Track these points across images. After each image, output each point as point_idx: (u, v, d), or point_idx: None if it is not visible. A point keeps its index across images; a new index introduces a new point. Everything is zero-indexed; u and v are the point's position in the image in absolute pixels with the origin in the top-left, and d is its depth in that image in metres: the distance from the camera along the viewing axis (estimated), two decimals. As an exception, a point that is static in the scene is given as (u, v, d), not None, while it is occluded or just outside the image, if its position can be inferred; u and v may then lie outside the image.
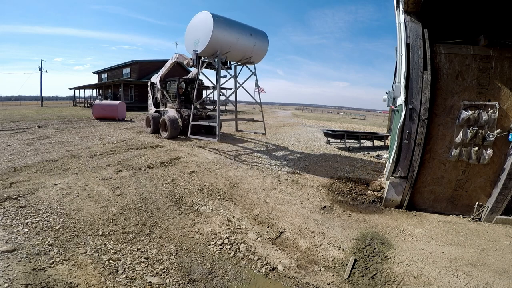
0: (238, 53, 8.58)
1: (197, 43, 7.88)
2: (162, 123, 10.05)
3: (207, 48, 7.63)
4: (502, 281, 2.60)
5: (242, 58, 8.95)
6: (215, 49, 7.81)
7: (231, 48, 8.09)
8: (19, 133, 9.57)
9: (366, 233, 3.56)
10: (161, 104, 11.22)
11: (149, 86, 11.81)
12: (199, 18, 7.94)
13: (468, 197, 4.12)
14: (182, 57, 9.52)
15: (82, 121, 14.58)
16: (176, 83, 10.59)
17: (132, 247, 2.93)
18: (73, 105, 34.21)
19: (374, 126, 22.79)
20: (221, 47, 7.87)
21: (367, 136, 10.78)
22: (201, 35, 7.73)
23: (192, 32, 8.14)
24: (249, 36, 8.57)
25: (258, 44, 8.92)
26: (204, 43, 7.60)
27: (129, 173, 5.37)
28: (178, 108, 10.18)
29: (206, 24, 7.52)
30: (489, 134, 3.82)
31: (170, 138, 9.57)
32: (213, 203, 4.26)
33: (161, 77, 10.95)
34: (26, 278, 2.26)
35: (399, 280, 2.65)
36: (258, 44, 8.95)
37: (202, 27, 7.67)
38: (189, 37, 8.30)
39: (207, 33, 7.47)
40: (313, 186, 5.29)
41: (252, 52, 8.89)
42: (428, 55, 4.02)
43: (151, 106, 11.75)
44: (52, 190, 4.25)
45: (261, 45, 9.12)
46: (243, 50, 8.65)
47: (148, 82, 11.79)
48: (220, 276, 2.61)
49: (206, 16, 7.62)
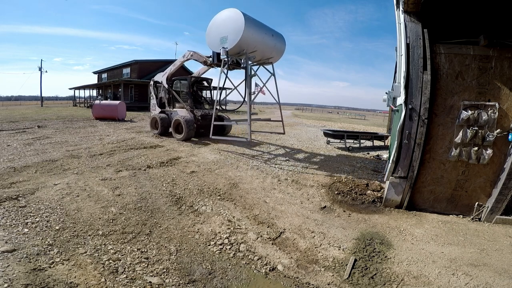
0: (261, 53, 8.50)
1: (224, 41, 7.69)
2: (175, 124, 9.61)
3: (236, 46, 7.51)
4: (502, 281, 2.60)
5: (262, 58, 8.88)
6: (242, 47, 7.70)
7: (256, 47, 8.00)
8: (19, 133, 9.56)
9: (366, 233, 3.57)
10: (167, 104, 10.63)
11: (151, 85, 11.16)
12: (226, 15, 7.77)
13: (468, 197, 4.12)
14: (197, 55, 9.16)
15: (82, 121, 14.58)
16: (187, 82, 10.10)
17: (132, 247, 2.93)
18: (73, 105, 34.19)
19: (374, 126, 22.80)
20: (248, 46, 7.80)
21: (367, 136, 10.78)
22: (229, 33, 7.56)
23: (218, 29, 7.88)
24: (271, 37, 8.59)
25: (277, 45, 8.97)
26: (233, 41, 7.45)
27: (129, 173, 5.36)
28: (191, 108, 9.70)
29: (237, 22, 7.40)
30: (489, 134, 3.82)
31: (185, 140, 9.25)
32: (213, 203, 4.26)
33: (168, 76, 10.38)
34: (26, 278, 2.25)
35: (399, 280, 2.65)
36: (278, 45, 9.01)
37: (231, 25, 7.52)
38: (213, 34, 8.01)
39: (237, 31, 7.34)
40: (313, 186, 5.29)
41: (272, 53, 8.91)
42: (428, 55, 4.02)
43: (155, 107, 11.06)
44: (52, 190, 4.25)
45: (280, 46, 9.21)
46: (266, 50, 8.60)
47: (151, 82, 11.16)
48: (220, 276, 2.61)
49: (235, 14, 7.52)
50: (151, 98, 11.33)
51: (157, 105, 10.94)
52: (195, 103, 10.25)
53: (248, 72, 8.03)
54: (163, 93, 10.71)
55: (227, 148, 8.49)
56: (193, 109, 9.72)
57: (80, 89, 35.05)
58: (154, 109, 11.16)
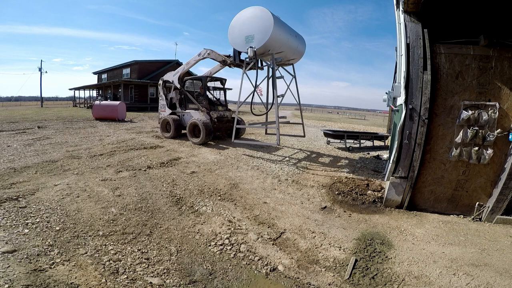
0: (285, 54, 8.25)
1: (250, 40, 7.39)
2: (191, 127, 8.97)
3: (263, 46, 7.26)
4: (503, 281, 2.60)
5: (284, 58, 8.66)
6: (268, 48, 7.42)
7: (281, 48, 7.76)
8: (19, 133, 9.56)
9: (367, 233, 3.56)
10: (178, 105, 10.03)
11: (160, 85, 10.47)
12: (253, 13, 7.44)
13: (468, 197, 4.12)
14: (215, 54, 8.66)
15: (82, 121, 14.58)
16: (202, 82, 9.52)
17: (133, 247, 2.93)
18: (73, 106, 34.19)
19: (374, 126, 22.80)
20: (274, 47, 7.56)
21: (367, 136, 10.78)
22: (256, 32, 7.27)
23: (242, 27, 7.54)
24: (295, 38, 8.43)
25: (299, 46, 8.86)
26: (261, 40, 7.19)
27: (129, 174, 5.36)
28: (207, 110, 9.12)
29: (264, 21, 7.16)
30: (489, 134, 3.82)
31: (202, 144, 8.70)
32: (213, 204, 4.26)
33: (180, 75, 9.74)
34: (27, 279, 2.25)
35: (400, 280, 2.65)
36: (300, 46, 8.89)
37: (258, 24, 7.24)
38: (237, 32, 7.67)
39: (266, 30, 7.10)
40: (314, 186, 5.29)
41: (295, 54, 8.75)
42: (428, 55, 4.02)
43: (164, 108, 10.31)
44: (52, 190, 4.24)
45: (302, 48, 9.12)
46: (290, 51, 8.37)
47: (160, 81, 10.51)
48: (221, 276, 2.61)
49: (263, 12, 7.27)
50: (159, 98, 10.66)
51: (167, 106, 10.26)
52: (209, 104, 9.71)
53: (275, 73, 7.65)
54: (173, 94, 10.15)
55: (228, 148, 8.48)
56: (209, 110, 9.20)
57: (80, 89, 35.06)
58: (163, 110, 10.41)
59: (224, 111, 10.00)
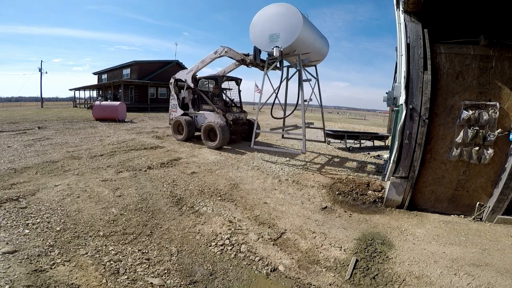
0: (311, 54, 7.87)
1: (275, 39, 6.88)
2: (206, 129, 8.47)
3: (289, 46, 6.79)
4: (504, 281, 2.59)
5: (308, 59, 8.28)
6: (294, 48, 6.97)
7: (308, 48, 7.34)
8: (19, 134, 9.56)
9: (367, 233, 3.56)
10: (191, 106, 9.48)
11: (172, 83, 9.88)
12: (278, 10, 6.92)
13: (469, 197, 4.12)
14: (233, 52, 8.08)
15: (82, 122, 14.58)
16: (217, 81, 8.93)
17: (133, 248, 2.93)
18: (73, 106, 34.19)
19: (374, 126, 22.80)
20: (301, 47, 7.10)
21: (368, 136, 10.77)
22: (281, 30, 6.76)
23: (266, 25, 7.02)
24: (320, 38, 8.08)
25: (324, 47, 8.59)
26: (287, 40, 6.69)
27: (130, 174, 5.36)
28: (223, 112, 8.57)
29: (292, 20, 6.67)
30: (490, 134, 3.82)
31: (218, 148, 8.24)
32: (213, 204, 4.25)
33: (194, 73, 9.15)
34: (27, 279, 2.25)
35: (400, 280, 2.65)
36: (324, 47, 8.63)
37: (285, 22, 6.75)
38: (259, 30, 7.16)
39: (293, 29, 6.62)
40: (314, 187, 5.29)
41: (319, 55, 8.48)
42: (428, 55, 4.02)
43: (176, 108, 9.73)
44: (52, 191, 4.24)
45: (326, 49, 8.89)
46: (315, 52, 8.01)
47: (171, 79, 9.91)
48: (221, 277, 2.61)
49: (290, 10, 6.77)
50: (171, 98, 10.06)
51: (179, 107, 9.72)
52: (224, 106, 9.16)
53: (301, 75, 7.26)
54: (186, 93, 9.58)
55: (228, 149, 8.48)
56: (225, 112, 8.62)
57: (80, 90, 35.06)
58: (174, 110, 9.82)
59: (240, 113, 9.47)
